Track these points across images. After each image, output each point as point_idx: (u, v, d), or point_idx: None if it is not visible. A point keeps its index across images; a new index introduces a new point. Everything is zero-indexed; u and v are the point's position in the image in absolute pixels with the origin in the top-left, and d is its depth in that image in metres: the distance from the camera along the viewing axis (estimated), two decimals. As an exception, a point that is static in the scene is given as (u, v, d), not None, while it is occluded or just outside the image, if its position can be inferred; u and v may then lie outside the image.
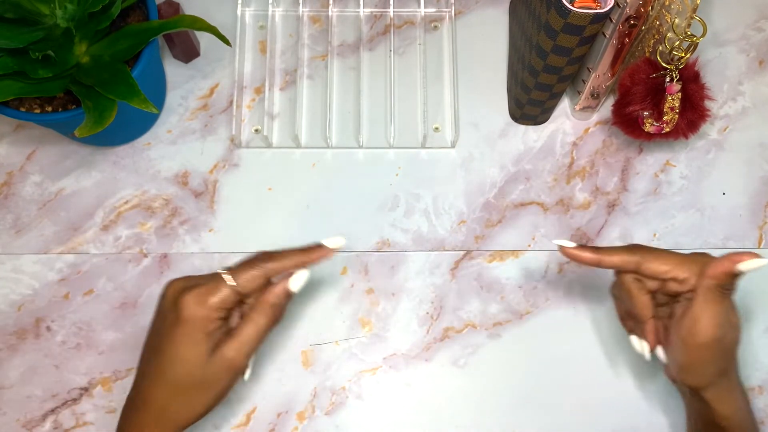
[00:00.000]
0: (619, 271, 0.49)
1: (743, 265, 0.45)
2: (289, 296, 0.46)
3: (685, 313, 0.46)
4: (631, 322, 0.51)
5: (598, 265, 0.48)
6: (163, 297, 0.46)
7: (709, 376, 0.46)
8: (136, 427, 0.45)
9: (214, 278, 0.45)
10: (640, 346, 0.50)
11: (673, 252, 0.47)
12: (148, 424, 0.45)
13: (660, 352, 0.49)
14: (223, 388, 0.46)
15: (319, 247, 0.47)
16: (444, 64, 0.66)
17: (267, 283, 0.46)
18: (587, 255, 0.48)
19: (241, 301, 0.46)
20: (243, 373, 0.46)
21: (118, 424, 0.47)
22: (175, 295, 0.45)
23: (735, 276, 0.45)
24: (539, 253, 0.61)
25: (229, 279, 0.45)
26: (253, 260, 0.46)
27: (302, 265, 0.47)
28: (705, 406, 0.48)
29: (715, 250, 0.61)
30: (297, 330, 0.58)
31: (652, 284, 0.48)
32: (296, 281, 0.46)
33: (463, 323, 0.59)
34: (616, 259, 0.47)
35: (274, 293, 0.46)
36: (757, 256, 0.45)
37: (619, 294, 0.50)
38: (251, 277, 0.45)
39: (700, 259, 0.47)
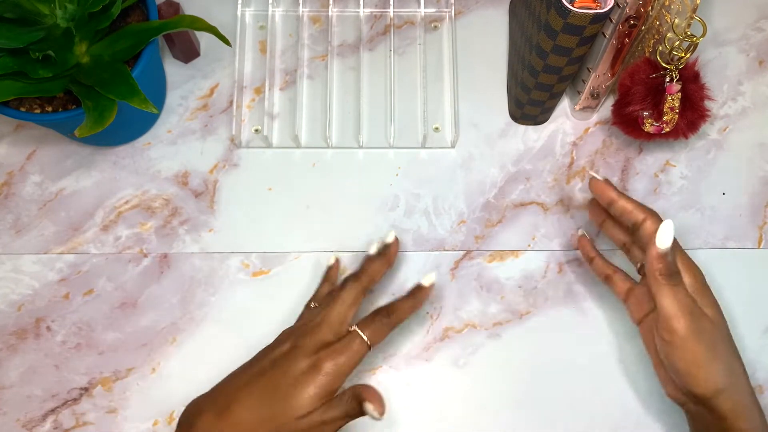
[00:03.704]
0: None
1: (661, 243, 0.44)
2: (371, 417, 0.47)
3: (654, 308, 0.45)
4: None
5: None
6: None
7: (715, 374, 0.43)
8: None
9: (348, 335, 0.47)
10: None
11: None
12: None
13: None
14: None
15: (419, 289, 0.51)
16: (444, 64, 0.66)
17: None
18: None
19: None
20: None
21: None
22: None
23: (666, 255, 0.43)
24: (539, 253, 0.61)
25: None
26: (376, 316, 0.48)
27: (417, 308, 0.50)
28: (718, 423, 0.44)
29: (715, 250, 0.61)
30: (297, 330, 0.58)
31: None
32: (375, 412, 0.45)
33: (463, 323, 0.59)
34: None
35: (368, 408, 0.45)
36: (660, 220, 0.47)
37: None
38: (381, 333, 0.48)
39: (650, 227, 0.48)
